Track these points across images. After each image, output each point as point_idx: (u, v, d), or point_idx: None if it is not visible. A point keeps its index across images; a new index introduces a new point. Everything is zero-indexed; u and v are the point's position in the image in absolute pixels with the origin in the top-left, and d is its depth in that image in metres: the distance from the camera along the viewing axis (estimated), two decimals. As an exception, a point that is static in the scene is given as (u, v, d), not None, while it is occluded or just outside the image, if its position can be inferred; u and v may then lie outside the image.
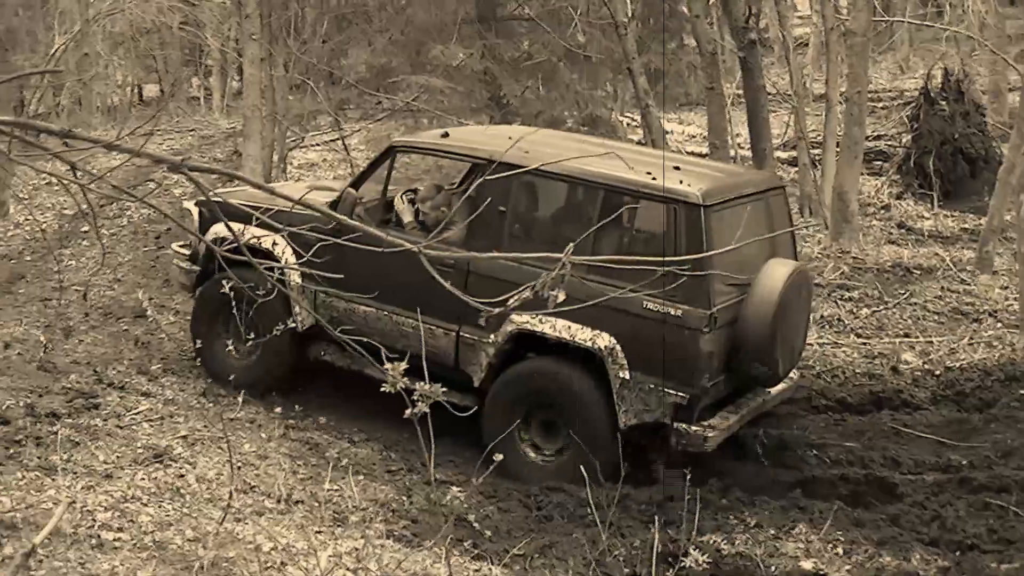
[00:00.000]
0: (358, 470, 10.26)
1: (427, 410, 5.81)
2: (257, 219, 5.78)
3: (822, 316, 14.60)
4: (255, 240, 10.95)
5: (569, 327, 10.32)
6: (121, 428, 10.27)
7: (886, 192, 20.82)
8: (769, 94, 17.50)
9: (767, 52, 27.26)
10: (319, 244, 5.54)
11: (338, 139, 20.66)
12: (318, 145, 22.93)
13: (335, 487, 9.76)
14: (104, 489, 8.64)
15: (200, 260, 12.20)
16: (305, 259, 5.31)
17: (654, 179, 10.10)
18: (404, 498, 9.86)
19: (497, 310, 4.92)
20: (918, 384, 12.84)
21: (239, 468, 9.48)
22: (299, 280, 11.30)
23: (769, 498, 10.15)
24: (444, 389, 5.87)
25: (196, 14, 29.87)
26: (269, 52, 17.98)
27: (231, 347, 10.88)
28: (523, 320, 10.49)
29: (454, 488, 7.03)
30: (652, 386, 10.14)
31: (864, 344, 13.87)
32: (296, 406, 11.22)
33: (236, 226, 11.20)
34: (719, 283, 10.14)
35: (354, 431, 11.36)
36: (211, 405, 11.25)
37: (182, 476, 9.31)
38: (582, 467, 9.39)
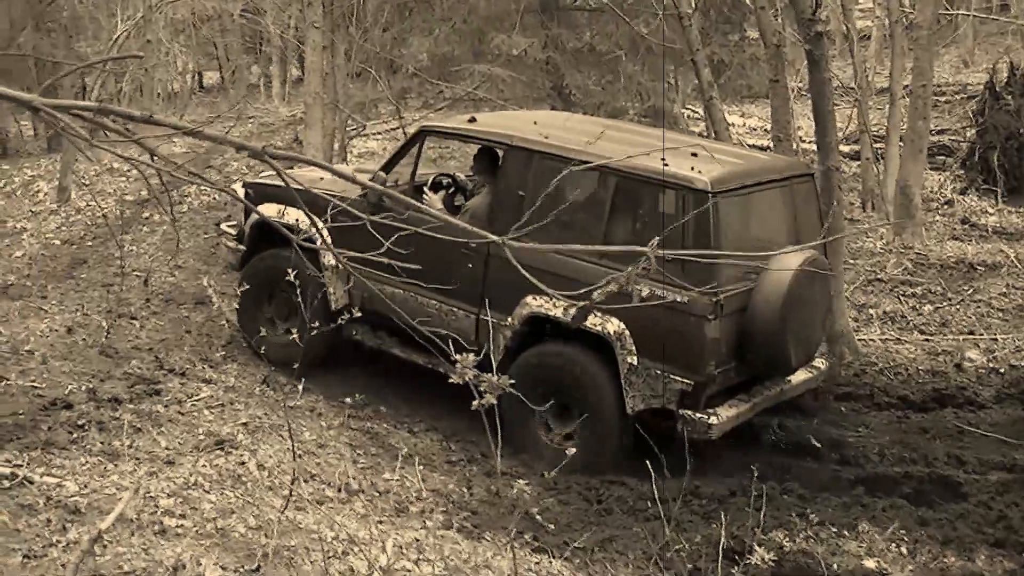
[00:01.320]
0: (418, 460, 10.24)
1: (494, 402, 5.78)
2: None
3: (884, 312, 14.51)
4: (294, 221, 11.45)
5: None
6: (183, 414, 10.30)
7: (949, 187, 20.60)
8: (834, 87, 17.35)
9: (828, 45, 27.06)
10: (401, 233, 5.51)
11: (399, 128, 20.66)
12: (379, 134, 22.98)
13: (395, 477, 9.75)
14: (166, 475, 8.65)
15: (245, 239, 12.57)
16: (385, 247, 5.22)
17: (667, 165, 10.04)
18: (465, 489, 9.85)
19: (582, 303, 4.88)
20: (983, 382, 12.71)
21: (300, 457, 9.48)
22: (332, 261, 11.44)
23: (831, 495, 10.05)
24: (512, 381, 5.85)
25: (257, 2, 29.97)
26: (331, 40, 17.98)
27: (286, 327, 11.38)
28: (537, 304, 10.57)
29: (520, 481, 6.96)
30: (659, 372, 10.15)
31: (927, 341, 13.74)
32: (356, 395, 11.23)
33: (278, 207, 11.56)
34: (727, 270, 10.04)
35: (414, 421, 11.35)
36: (272, 392, 11.28)
37: (243, 463, 9.32)
38: (648, 463, 9.22)
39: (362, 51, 19.49)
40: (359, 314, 8.99)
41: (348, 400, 9.84)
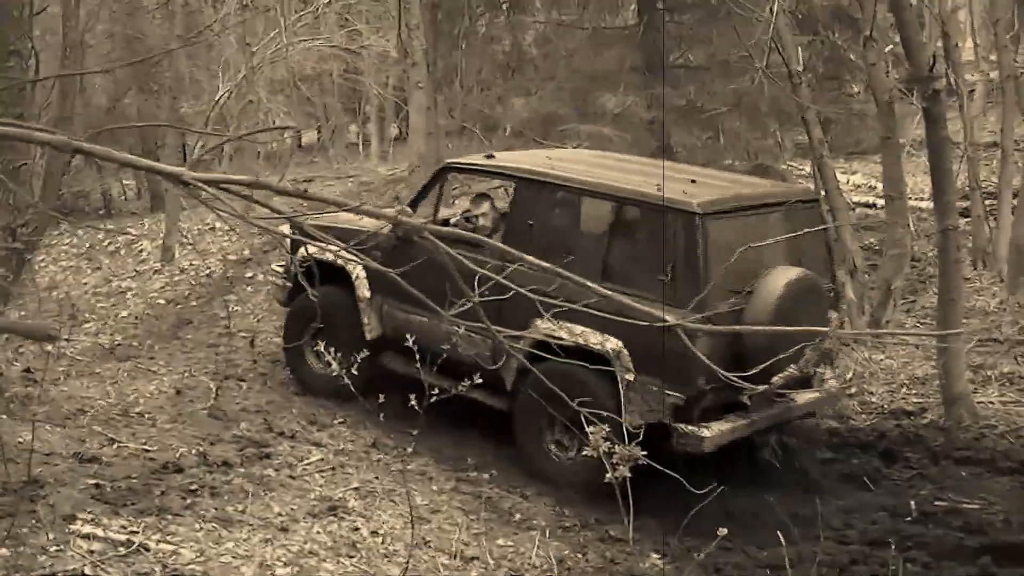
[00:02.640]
0: (531, 526, 10.09)
1: (628, 474, 5.63)
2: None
3: (1002, 373, 14.14)
4: (334, 258, 12.06)
5: (584, 332, 10.77)
6: (294, 479, 10.22)
7: (1062, 244, 20.11)
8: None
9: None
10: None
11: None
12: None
13: (510, 543, 9.60)
14: (281, 543, 8.57)
15: (292, 277, 13.17)
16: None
17: (659, 189, 10.64)
18: (580, 555, 9.66)
19: (763, 387, 4.74)
20: (1111, 447, 12.29)
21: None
22: (367, 293, 12.39)
23: (957, 564, 9.72)
24: (644, 453, 5.71)
25: (356, 62, 30.15)
26: (434, 100, 18.00)
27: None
28: (546, 326, 10.79)
29: (653, 555, 6.78)
30: (654, 387, 10.51)
31: (1051, 404, 13.36)
32: (468, 459, 11.15)
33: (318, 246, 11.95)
34: (715, 288, 10.19)
35: (526, 484, 11.16)
36: (381, 456, 11.18)
37: (357, 530, 9.22)
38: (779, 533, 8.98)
39: (464, 111, 19.48)
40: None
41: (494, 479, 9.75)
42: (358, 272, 12.43)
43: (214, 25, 24.67)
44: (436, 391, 8.26)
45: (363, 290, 12.44)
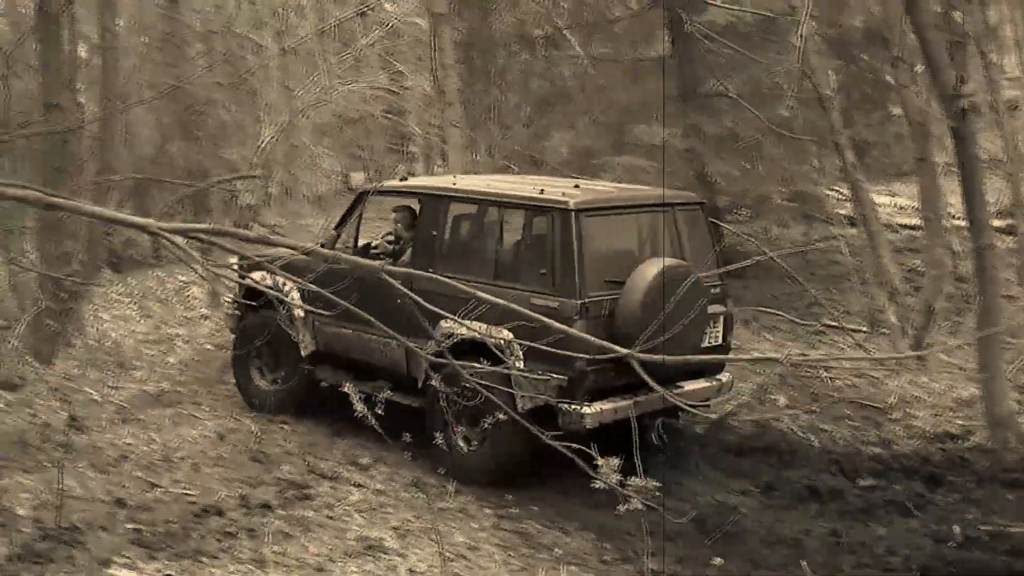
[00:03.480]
0: (571, 560, 10.07)
1: (640, 506, 5.66)
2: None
3: (1042, 386, 14.05)
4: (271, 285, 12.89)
5: (481, 327, 11.00)
6: (332, 519, 10.30)
7: (1110, 260, 19.89)
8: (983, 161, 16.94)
9: (976, 117, 26.39)
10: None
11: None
12: (521, 228, 22.98)
13: (547, 579, 9.61)
14: (315, 583, 8.62)
15: (238, 305, 14.56)
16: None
17: (542, 193, 11.89)
18: (618, 589, 9.65)
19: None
20: None
21: (450, 560, 9.38)
22: (302, 313, 13.23)
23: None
24: (658, 484, 5.72)
25: (399, 102, 30.34)
26: (472, 139, 18.11)
27: (273, 377, 13.92)
28: (449, 324, 11.37)
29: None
30: (540, 372, 11.25)
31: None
32: (507, 495, 11.15)
33: (262, 274, 12.55)
34: (592, 278, 11.45)
35: (567, 519, 11.14)
36: (421, 495, 11.21)
37: (393, 569, 9.28)
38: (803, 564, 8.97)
39: (503, 147, 19.57)
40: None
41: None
42: (293, 295, 13.12)
43: (256, 70, 24.89)
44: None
45: (297, 311, 13.21)
